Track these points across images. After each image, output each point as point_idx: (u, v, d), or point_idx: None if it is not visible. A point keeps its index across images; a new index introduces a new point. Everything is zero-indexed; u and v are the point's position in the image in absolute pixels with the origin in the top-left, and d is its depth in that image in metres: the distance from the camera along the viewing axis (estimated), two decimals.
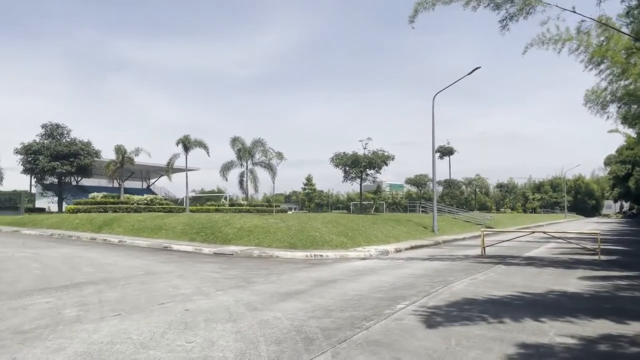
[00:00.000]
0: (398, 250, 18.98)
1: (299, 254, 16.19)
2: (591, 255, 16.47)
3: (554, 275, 11.77)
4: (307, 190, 37.70)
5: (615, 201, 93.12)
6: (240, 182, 36.49)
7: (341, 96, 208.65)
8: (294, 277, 11.22)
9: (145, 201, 31.90)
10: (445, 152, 53.01)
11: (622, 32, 15.32)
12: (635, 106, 22.74)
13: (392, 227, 25.80)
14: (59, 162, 40.77)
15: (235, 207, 35.41)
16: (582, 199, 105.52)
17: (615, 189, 72.97)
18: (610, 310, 7.69)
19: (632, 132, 44.86)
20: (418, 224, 29.38)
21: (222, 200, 41.82)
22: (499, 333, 6.15)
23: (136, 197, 32.17)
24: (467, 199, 69.54)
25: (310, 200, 38.24)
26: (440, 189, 58.78)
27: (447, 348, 5.54)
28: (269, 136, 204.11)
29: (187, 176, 34.77)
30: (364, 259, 16.17)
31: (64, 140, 42.84)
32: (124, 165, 35.65)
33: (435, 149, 55.34)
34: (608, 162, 76.77)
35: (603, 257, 15.70)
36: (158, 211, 30.23)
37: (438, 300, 8.36)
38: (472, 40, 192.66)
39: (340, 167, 33.34)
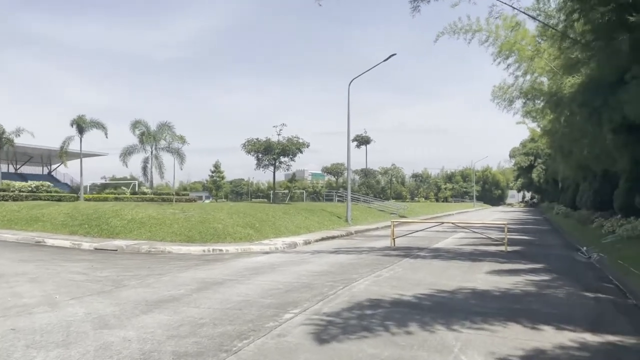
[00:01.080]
0: (307, 243, 17.88)
1: (195, 249, 14.55)
2: (497, 246, 16.35)
3: (461, 269, 11.14)
4: (214, 178, 35.36)
5: (519, 191, 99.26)
6: (144, 169, 33.69)
7: (266, 84, 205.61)
8: (176, 279, 9.63)
9: (30, 188, 28.24)
10: (363, 141, 52.86)
11: (530, 16, 15.10)
12: (539, 101, 23.33)
13: (305, 217, 24.73)
14: None
15: (138, 196, 32.59)
16: (489, 189, 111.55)
17: (519, 179, 77.50)
18: (522, 312, 6.95)
19: (536, 126, 47.33)
20: (332, 214, 28.60)
21: (123, 187, 38.54)
22: (396, 351, 5.06)
23: (17, 184, 28.39)
24: (384, 189, 70.64)
25: (219, 188, 35.93)
26: (356, 178, 58.97)
27: None
28: (189, 122, 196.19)
29: (81, 161, 31.32)
30: (267, 253, 14.87)
31: None
32: (1, 147, 31.42)
33: (353, 137, 55.63)
34: (513, 154, 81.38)
35: (509, 248, 15.58)
36: (45, 199, 26.87)
37: (335, 305, 7.21)
38: (397, 33, 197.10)
39: (252, 153, 31.66)
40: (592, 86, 13.42)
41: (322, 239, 19.32)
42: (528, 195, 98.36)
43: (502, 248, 15.47)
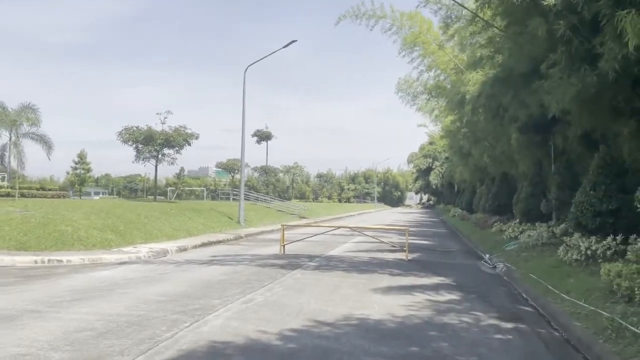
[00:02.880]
0: (182, 249, 15.03)
1: (23, 260, 11.19)
2: (397, 252, 14.70)
3: (356, 287, 9.09)
4: (78, 171, 30.51)
5: (417, 193, 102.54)
6: (1, 158, 28.34)
7: (170, 77, 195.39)
8: None
9: None
10: (263, 136, 49.90)
11: None
12: (442, 99, 22.50)
13: (188, 218, 21.69)
14: None
15: None
16: (389, 190, 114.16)
17: (418, 181, 79.59)
18: None
19: (436, 130, 47.94)
20: (223, 215, 25.75)
21: None
22: None
23: None
24: (287, 188, 68.65)
25: (82, 182, 31.10)
26: (255, 176, 56.17)
27: None
28: (84, 112, 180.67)
29: None
30: (124, 263, 11.92)
31: None
32: None
33: (253, 132, 52.72)
34: (411, 159, 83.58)
35: (410, 256, 13.98)
36: None
37: None
38: (311, 35, 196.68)
39: (130, 143, 27.68)
40: (500, 80, 12.11)
41: (202, 245, 16.54)
42: (425, 197, 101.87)
43: (403, 256, 13.81)
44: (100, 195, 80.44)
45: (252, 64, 24.37)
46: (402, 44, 21.37)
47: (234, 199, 40.38)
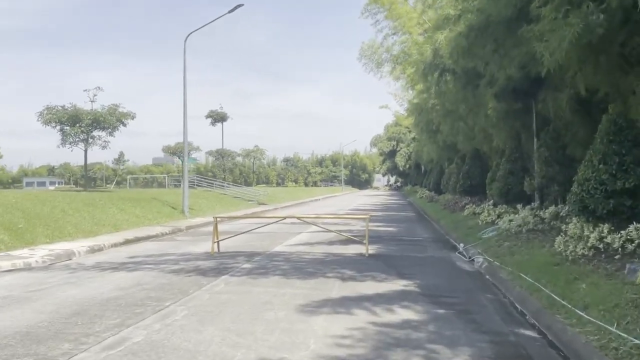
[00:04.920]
0: (96, 250, 12.27)
1: None
2: (357, 244, 12.29)
3: (292, 304, 6.61)
4: None
5: (384, 175, 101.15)
6: None
7: (130, 63, 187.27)
8: None
9: None
10: (218, 117, 46.31)
11: None
12: (410, 67, 20.15)
13: (120, 209, 18.78)
14: None
15: None
16: (357, 173, 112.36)
17: (385, 163, 77.91)
18: None
19: (401, 109, 45.84)
20: (166, 204, 22.87)
21: None
22: None
23: None
24: (250, 173, 65.62)
25: None
26: (211, 160, 52.80)
27: None
28: (33, 102, 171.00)
29: None
30: (9, 270, 9.19)
31: None
32: None
33: (207, 114, 49.04)
34: (374, 142, 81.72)
35: (371, 249, 11.63)
36: None
37: None
38: (274, 19, 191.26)
39: (54, 125, 24.16)
40: (478, 30, 9.71)
41: (126, 242, 13.77)
42: (393, 179, 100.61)
43: (363, 249, 11.41)
44: (57, 185, 76.12)
45: (192, 32, 21.37)
46: (367, 3, 18.89)
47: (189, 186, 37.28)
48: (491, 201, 16.58)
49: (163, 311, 6.25)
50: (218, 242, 11.80)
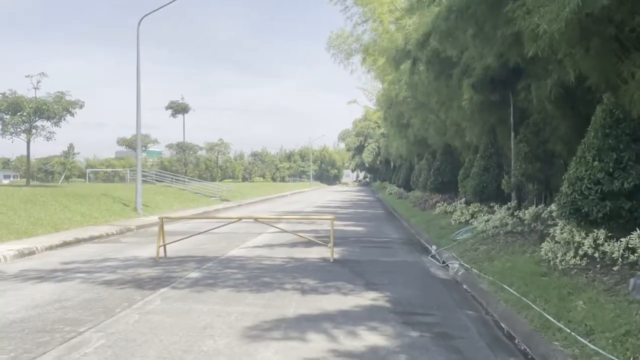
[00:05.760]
0: (26, 253, 10.81)
1: None
2: (321, 246, 11.19)
3: (239, 328, 5.47)
4: None
5: (353, 170, 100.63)
6: None
7: (102, 51, 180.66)
8: None
9: None
10: (179, 109, 44.16)
11: None
12: (381, 58, 19.18)
13: (63, 207, 17.16)
14: None
15: None
16: (326, 168, 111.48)
17: (355, 158, 77.32)
18: None
19: (370, 104, 45.02)
20: (118, 201, 21.25)
21: None
22: None
23: None
24: (213, 167, 63.56)
25: None
26: (170, 153, 50.63)
27: None
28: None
29: None
30: None
31: None
32: None
33: (167, 105, 46.89)
34: (342, 137, 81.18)
35: (337, 253, 10.58)
36: None
37: None
38: (244, 12, 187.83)
39: None
40: (457, 11, 8.73)
41: (64, 245, 12.30)
42: (362, 175, 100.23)
43: (328, 253, 10.33)
44: (11, 179, 72.77)
45: (147, 14, 19.77)
46: None
47: (144, 180, 35.42)
48: (463, 199, 15.81)
49: (74, 340, 5.01)
50: (165, 245, 10.51)
